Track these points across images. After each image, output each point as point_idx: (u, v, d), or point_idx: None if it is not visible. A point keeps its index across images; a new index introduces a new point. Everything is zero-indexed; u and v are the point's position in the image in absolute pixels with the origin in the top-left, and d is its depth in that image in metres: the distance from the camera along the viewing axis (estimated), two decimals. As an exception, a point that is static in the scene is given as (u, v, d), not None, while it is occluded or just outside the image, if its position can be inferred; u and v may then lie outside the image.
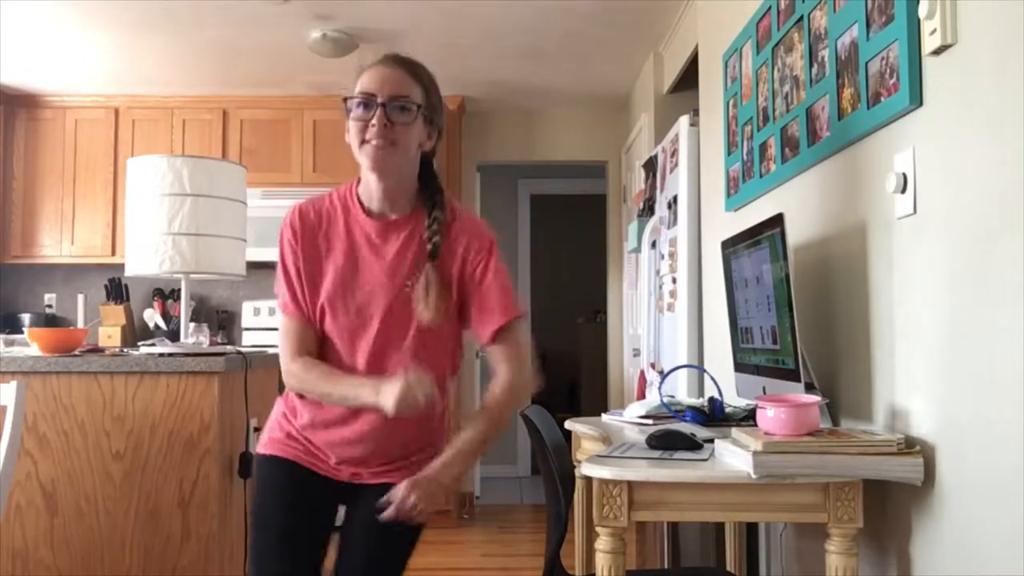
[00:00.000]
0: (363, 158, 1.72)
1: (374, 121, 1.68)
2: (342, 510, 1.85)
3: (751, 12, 2.66)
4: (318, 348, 1.78)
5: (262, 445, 1.85)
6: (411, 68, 1.75)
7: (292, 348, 1.77)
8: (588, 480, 1.78)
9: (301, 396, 1.80)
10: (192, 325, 2.84)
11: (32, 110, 5.07)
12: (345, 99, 1.73)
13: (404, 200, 1.78)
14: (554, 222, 7.98)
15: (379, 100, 1.69)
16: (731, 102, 2.86)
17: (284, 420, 1.83)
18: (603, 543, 1.67)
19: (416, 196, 1.79)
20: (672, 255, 3.47)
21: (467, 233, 1.78)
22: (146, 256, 2.77)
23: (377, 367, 1.73)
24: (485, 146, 5.56)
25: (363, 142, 1.70)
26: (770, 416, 1.68)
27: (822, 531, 1.69)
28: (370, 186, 1.76)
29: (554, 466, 1.82)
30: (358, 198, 1.80)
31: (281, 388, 1.87)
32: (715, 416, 2.19)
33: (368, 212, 1.78)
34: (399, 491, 1.61)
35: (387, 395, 1.59)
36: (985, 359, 1.43)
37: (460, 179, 5.41)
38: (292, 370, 1.76)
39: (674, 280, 3.43)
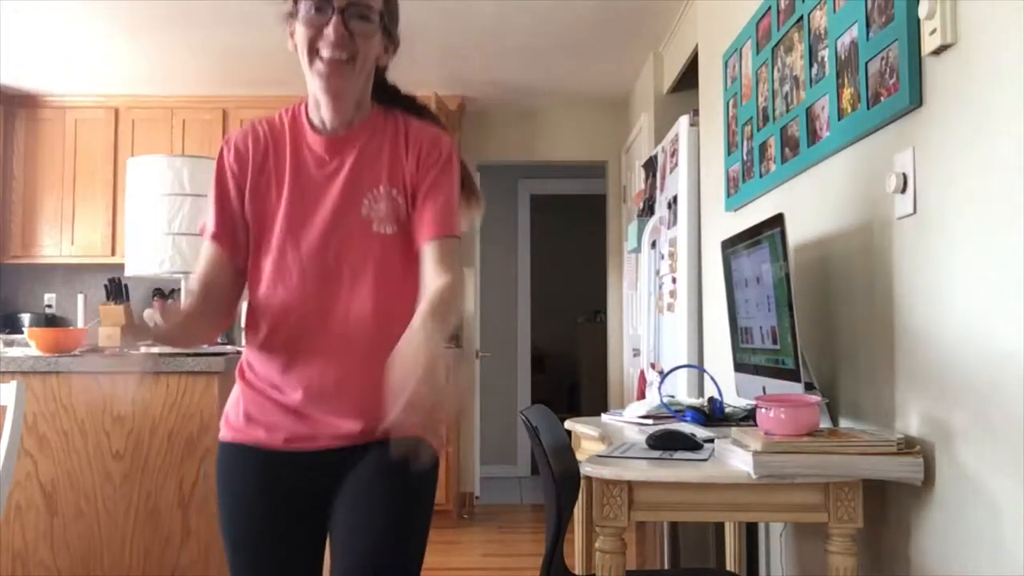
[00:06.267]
0: (314, 77, 1.51)
1: (330, 30, 1.46)
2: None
3: (751, 12, 2.66)
4: (228, 286, 1.57)
5: (224, 430, 1.58)
6: None
7: (199, 272, 1.58)
8: (588, 480, 1.78)
9: (257, 390, 1.57)
10: (192, 325, 2.84)
11: (32, 110, 5.07)
12: (291, 9, 1.52)
13: (358, 116, 1.57)
14: (554, 222, 7.98)
15: (335, 4, 1.47)
16: (731, 102, 2.86)
17: (240, 404, 1.58)
18: (603, 543, 1.67)
19: (368, 110, 1.59)
20: (672, 255, 3.47)
21: (418, 145, 1.56)
22: (146, 256, 2.77)
23: (331, 295, 1.51)
24: (485, 146, 5.56)
25: (315, 54, 1.49)
26: (770, 416, 1.68)
27: (822, 531, 1.69)
28: (320, 107, 1.55)
29: (550, 467, 1.82)
30: (307, 117, 1.58)
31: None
32: (715, 416, 2.19)
33: (317, 130, 1.56)
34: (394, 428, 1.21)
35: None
36: (985, 359, 1.43)
37: (460, 179, 5.40)
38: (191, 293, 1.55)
39: (674, 280, 3.42)
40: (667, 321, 3.55)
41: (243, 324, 1.60)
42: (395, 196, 1.54)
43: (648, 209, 3.96)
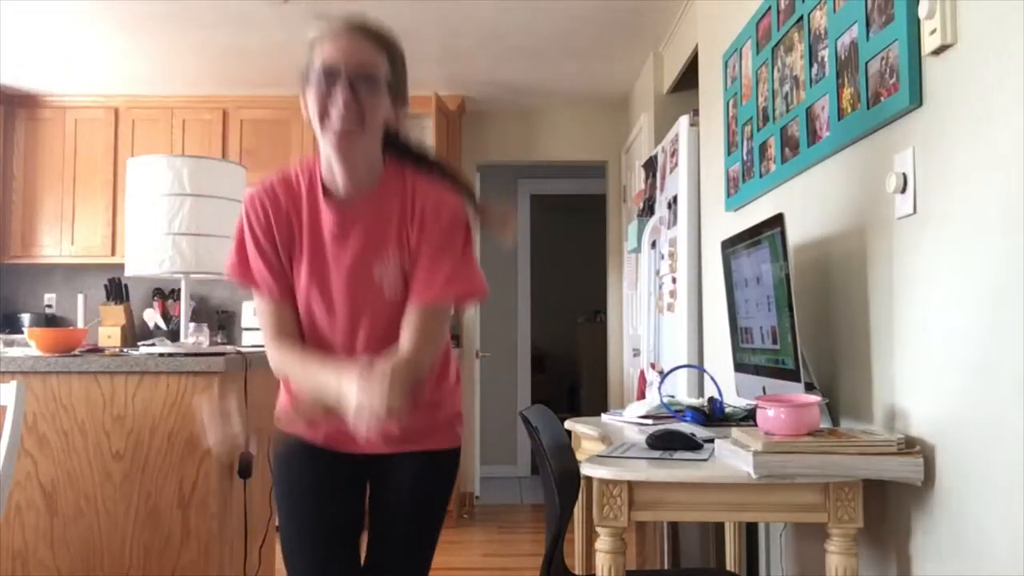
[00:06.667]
0: (327, 142, 1.61)
1: (339, 98, 1.56)
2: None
3: (751, 12, 2.66)
4: (297, 325, 1.73)
5: (277, 420, 1.77)
6: (376, 38, 1.62)
7: (272, 331, 1.72)
8: (588, 480, 1.78)
9: (290, 392, 1.78)
10: (192, 325, 2.84)
11: (32, 110, 5.07)
12: (304, 74, 1.60)
13: (369, 179, 1.68)
14: (554, 222, 7.99)
15: (344, 74, 1.57)
16: (731, 102, 2.86)
17: (289, 399, 1.79)
18: (603, 543, 1.67)
19: (380, 171, 1.69)
20: (672, 255, 3.47)
21: (422, 211, 1.67)
22: (146, 256, 2.77)
23: (353, 340, 1.70)
24: (485, 146, 5.56)
25: (326, 120, 1.59)
26: (770, 416, 1.68)
27: (822, 531, 1.69)
28: (333, 169, 1.65)
29: (550, 467, 1.82)
30: (321, 177, 1.69)
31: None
32: (715, 416, 2.19)
33: (330, 194, 1.68)
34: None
35: (348, 397, 1.51)
36: (985, 359, 1.43)
37: (460, 179, 5.40)
38: (273, 356, 1.72)
39: (674, 280, 3.42)
40: (667, 321, 3.55)
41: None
42: (402, 261, 1.68)
43: (648, 209, 3.96)
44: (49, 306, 5.31)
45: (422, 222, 1.67)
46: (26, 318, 5.07)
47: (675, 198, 3.45)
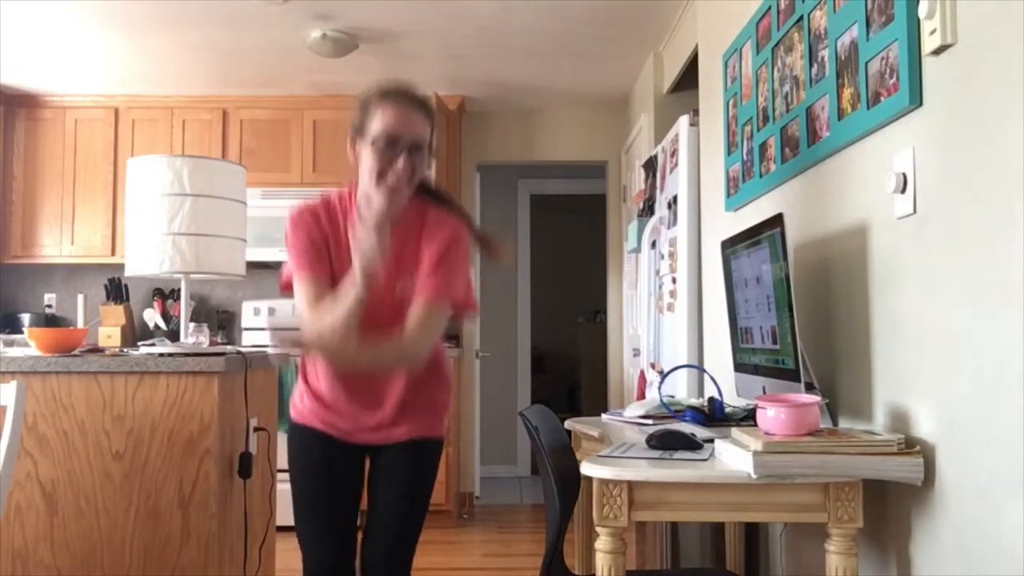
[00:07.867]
0: (379, 194, 1.89)
1: (400, 165, 1.87)
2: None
3: (751, 12, 2.66)
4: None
5: (292, 411, 2.11)
6: (427, 110, 1.94)
7: (311, 296, 1.95)
8: (588, 480, 1.78)
9: (315, 393, 2.06)
10: (192, 325, 2.84)
11: (32, 110, 5.07)
12: (359, 127, 1.91)
13: (398, 213, 1.98)
14: (554, 222, 7.99)
15: (403, 143, 1.88)
16: (731, 102, 2.86)
17: (304, 398, 2.08)
18: (603, 543, 1.67)
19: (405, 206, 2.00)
20: (672, 255, 3.47)
21: (436, 233, 1.99)
22: (146, 256, 2.77)
23: (372, 335, 1.96)
24: (485, 146, 5.56)
25: (381, 177, 1.88)
26: (770, 416, 1.68)
27: (822, 531, 1.70)
28: (372, 204, 1.93)
29: (550, 467, 1.82)
30: (356, 204, 2.00)
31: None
32: (715, 416, 2.19)
33: (363, 218, 1.96)
34: None
35: (355, 272, 1.85)
36: (985, 359, 1.43)
37: (460, 179, 5.41)
38: (312, 319, 1.92)
39: (674, 280, 3.43)
40: (667, 321, 3.55)
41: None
42: (414, 278, 1.97)
43: (648, 209, 3.96)
44: (49, 306, 5.31)
45: (431, 240, 1.97)
46: (26, 318, 5.07)
47: (675, 198, 3.45)
